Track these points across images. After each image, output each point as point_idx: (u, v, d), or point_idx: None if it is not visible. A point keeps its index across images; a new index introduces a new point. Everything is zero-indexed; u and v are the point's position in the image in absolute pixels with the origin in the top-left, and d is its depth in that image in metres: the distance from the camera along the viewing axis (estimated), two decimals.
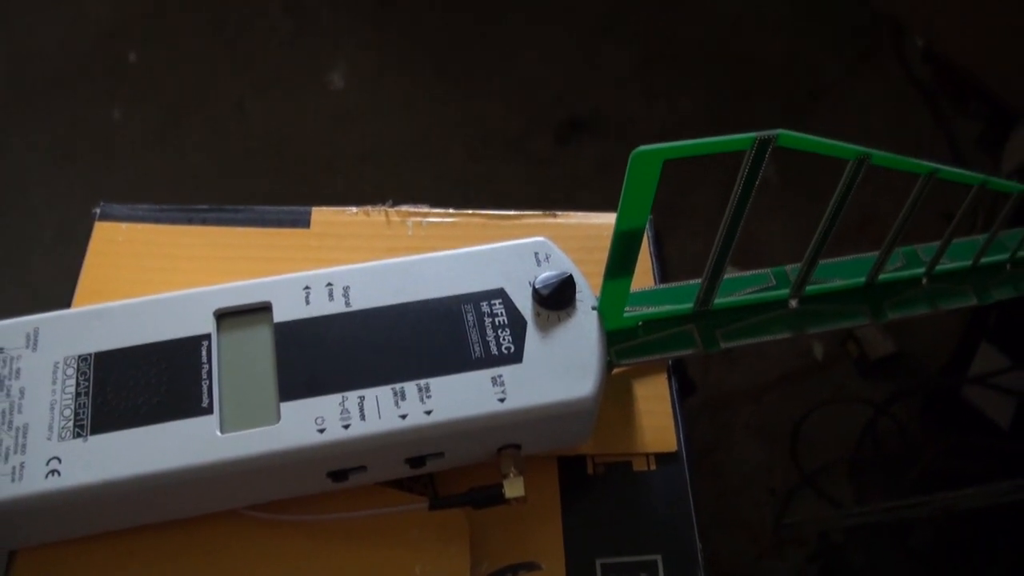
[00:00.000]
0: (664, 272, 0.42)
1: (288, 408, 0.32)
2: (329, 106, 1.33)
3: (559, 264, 0.35)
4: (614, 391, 0.37)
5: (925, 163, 0.33)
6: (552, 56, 1.37)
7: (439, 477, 0.35)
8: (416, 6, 1.41)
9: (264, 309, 0.34)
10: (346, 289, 0.34)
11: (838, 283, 0.39)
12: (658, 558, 0.35)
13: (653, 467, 0.37)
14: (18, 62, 1.34)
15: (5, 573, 0.33)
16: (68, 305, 0.38)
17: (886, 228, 0.37)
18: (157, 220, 0.41)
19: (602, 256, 0.35)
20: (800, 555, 0.99)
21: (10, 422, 0.32)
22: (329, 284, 0.34)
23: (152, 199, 0.43)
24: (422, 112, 1.32)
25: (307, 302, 0.34)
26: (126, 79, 1.34)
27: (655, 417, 0.37)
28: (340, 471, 0.32)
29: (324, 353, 0.33)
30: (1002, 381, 0.97)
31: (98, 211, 0.42)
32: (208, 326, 0.34)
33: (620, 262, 0.33)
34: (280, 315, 0.34)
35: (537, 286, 0.34)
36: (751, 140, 0.30)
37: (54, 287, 1.15)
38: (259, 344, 0.33)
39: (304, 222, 0.41)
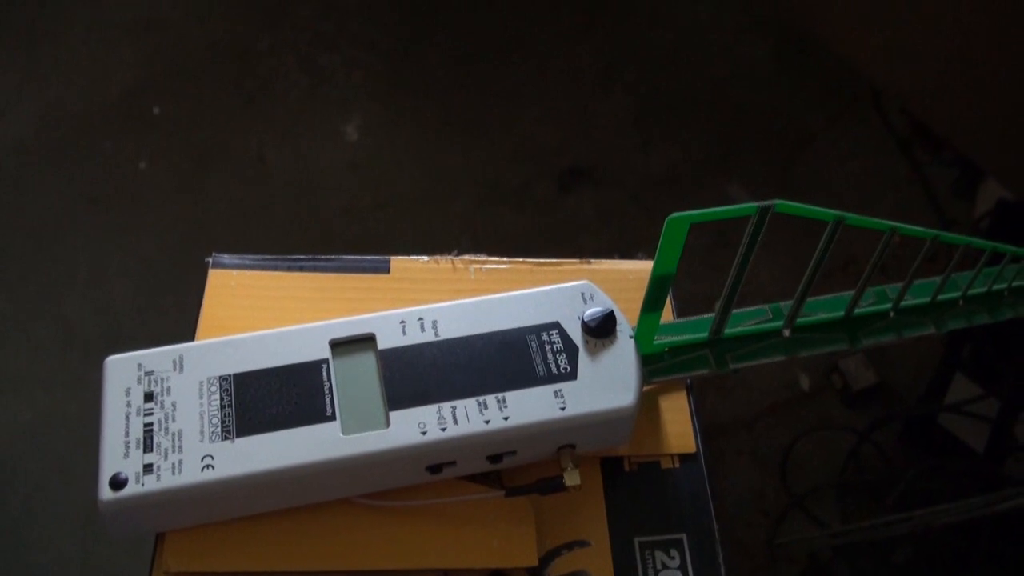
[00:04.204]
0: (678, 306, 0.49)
1: (396, 415, 0.39)
2: (344, 156, 1.37)
3: (601, 302, 0.43)
4: (644, 405, 0.43)
5: (887, 222, 0.40)
6: (554, 109, 1.42)
7: (504, 472, 0.42)
8: (426, 63, 1.45)
9: (369, 339, 0.41)
10: (434, 322, 0.42)
11: (822, 316, 0.45)
12: (683, 536, 0.42)
13: (677, 465, 0.44)
14: (49, 115, 1.38)
15: (154, 551, 0.40)
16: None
17: (864, 267, 0.44)
18: (262, 268, 0.48)
19: (630, 295, 0.43)
20: (792, 572, 1.04)
21: (166, 428, 0.39)
22: (420, 318, 0.42)
23: (178, 244, 0.49)
24: (432, 161, 1.36)
25: (404, 333, 0.41)
26: (151, 131, 1.38)
27: (678, 425, 0.44)
28: (436, 465, 0.40)
29: (421, 373, 0.40)
30: (975, 408, 1.02)
31: (211, 260, 0.48)
32: (325, 352, 0.41)
33: (653, 300, 0.41)
34: (383, 343, 0.41)
35: (586, 319, 0.42)
36: (754, 208, 0.37)
37: (87, 323, 1.20)
38: (367, 366, 0.41)
39: (385, 269, 0.48)
